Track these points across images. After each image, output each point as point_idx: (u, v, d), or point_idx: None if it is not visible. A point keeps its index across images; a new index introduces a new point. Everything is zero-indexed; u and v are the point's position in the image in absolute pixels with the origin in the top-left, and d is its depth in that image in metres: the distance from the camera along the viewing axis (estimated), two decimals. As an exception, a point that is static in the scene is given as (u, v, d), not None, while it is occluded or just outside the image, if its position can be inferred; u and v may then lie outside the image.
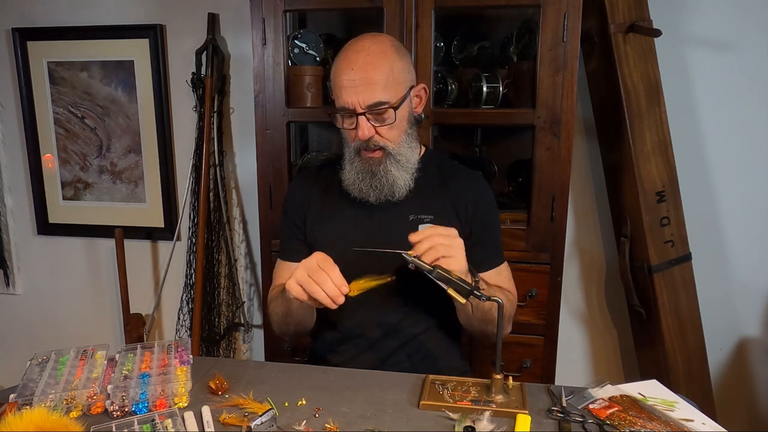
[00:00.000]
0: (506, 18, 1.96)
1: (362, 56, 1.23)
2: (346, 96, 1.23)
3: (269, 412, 0.97)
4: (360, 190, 1.29)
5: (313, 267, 1.12)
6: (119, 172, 2.35)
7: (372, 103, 1.22)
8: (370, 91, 1.22)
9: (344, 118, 1.28)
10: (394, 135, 1.27)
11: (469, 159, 2.02)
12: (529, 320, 1.73)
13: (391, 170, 1.27)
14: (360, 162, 1.28)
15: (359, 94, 1.22)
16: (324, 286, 1.11)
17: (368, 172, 1.28)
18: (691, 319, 1.92)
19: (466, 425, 0.98)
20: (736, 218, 2.01)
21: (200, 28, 2.15)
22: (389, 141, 1.27)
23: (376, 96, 1.22)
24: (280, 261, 1.43)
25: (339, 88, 1.25)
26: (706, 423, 1.01)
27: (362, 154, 1.28)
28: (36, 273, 2.55)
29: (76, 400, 1.06)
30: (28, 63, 2.31)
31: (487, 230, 1.35)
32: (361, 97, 1.22)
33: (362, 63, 1.22)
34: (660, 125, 1.83)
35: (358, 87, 1.22)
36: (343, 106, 1.25)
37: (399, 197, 1.30)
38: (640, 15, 1.78)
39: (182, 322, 2.29)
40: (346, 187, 1.32)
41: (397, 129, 1.27)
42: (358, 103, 1.22)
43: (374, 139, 1.25)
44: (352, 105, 1.23)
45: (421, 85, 1.33)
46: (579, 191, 2.08)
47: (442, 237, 1.11)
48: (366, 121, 1.23)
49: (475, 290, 1.08)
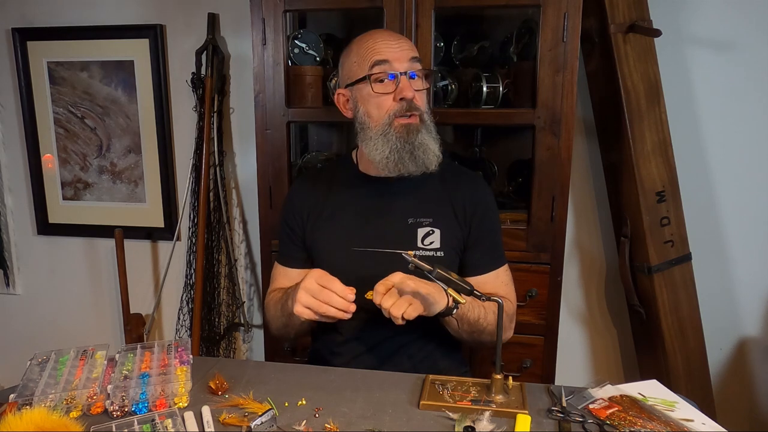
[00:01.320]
0: (506, 18, 1.96)
1: (389, 32, 1.30)
2: (388, 54, 1.22)
3: (269, 412, 0.97)
4: (397, 161, 1.23)
5: (314, 289, 1.13)
6: (119, 172, 2.35)
7: (413, 57, 1.24)
8: (409, 50, 1.25)
9: (378, 83, 1.23)
10: (425, 104, 1.28)
11: (469, 159, 2.02)
12: (529, 320, 1.73)
13: (426, 138, 1.25)
14: (396, 131, 1.22)
15: (401, 52, 1.23)
16: (332, 302, 1.11)
17: (406, 141, 1.22)
18: (691, 319, 1.92)
19: (466, 425, 0.98)
20: (736, 218, 2.01)
21: (200, 28, 2.15)
22: (423, 108, 1.26)
23: (413, 53, 1.25)
24: (277, 265, 1.43)
25: (377, 52, 1.23)
26: (706, 423, 1.00)
27: (397, 122, 1.22)
28: (36, 273, 2.55)
29: (76, 400, 1.06)
30: (28, 63, 2.31)
31: (486, 233, 1.35)
32: (403, 54, 1.23)
33: (392, 34, 1.28)
34: (660, 125, 1.83)
35: (400, 46, 1.24)
36: (383, 63, 1.22)
37: (433, 169, 1.26)
38: (640, 15, 1.78)
39: (182, 322, 2.29)
40: (378, 164, 1.25)
41: (426, 101, 1.29)
42: (401, 58, 1.23)
43: (415, 100, 1.23)
44: (395, 62, 1.22)
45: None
46: (579, 191, 2.08)
47: (413, 289, 1.10)
48: (408, 81, 1.23)
49: (474, 290, 1.08)
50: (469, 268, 1.33)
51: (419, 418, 1.03)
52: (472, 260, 1.34)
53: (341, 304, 1.11)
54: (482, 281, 1.31)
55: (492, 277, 1.33)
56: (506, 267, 1.37)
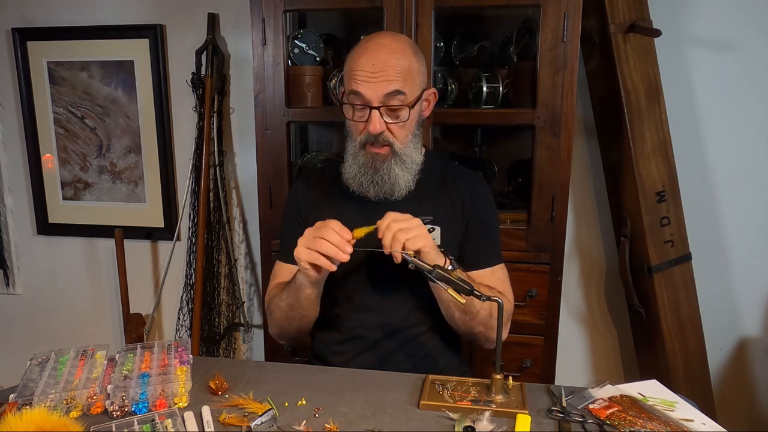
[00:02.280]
0: (506, 18, 1.96)
1: (383, 53, 1.23)
2: (362, 88, 1.23)
3: (269, 412, 0.97)
4: (360, 184, 1.28)
5: (313, 228, 1.16)
6: (119, 172, 2.35)
7: (389, 92, 1.22)
8: (387, 83, 1.22)
9: (356, 110, 1.27)
10: (403, 135, 1.27)
11: (469, 159, 2.02)
12: (529, 320, 1.73)
13: (395, 169, 1.27)
14: (364, 156, 1.27)
15: (377, 86, 1.22)
16: (328, 237, 1.12)
17: (371, 167, 1.26)
18: (691, 319, 1.92)
19: (466, 425, 0.98)
20: (736, 218, 2.01)
21: (200, 28, 2.15)
22: (398, 140, 1.27)
23: (393, 86, 1.22)
24: (279, 263, 1.43)
25: (354, 81, 1.24)
26: (706, 423, 1.01)
27: (368, 148, 1.27)
28: (36, 273, 2.55)
29: (76, 400, 1.06)
30: (28, 63, 2.31)
31: (482, 228, 1.34)
32: (378, 89, 1.22)
33: (383, 59, 1.22)
34: (660, 125, 1.83)
35: (377, 80, 1.21)
36: (357, 94, 1.24)
37: (398, 197, 1.30)
38: (640, 15, 1.78)
39: (182, 322, 2.29)
40: (346, 180, 1.31)
41: (407, 129, 1.28)
42: (374, 95, 1.22)
43: (384, 134, 1.25)
44: (368, 97, 1.23)
45: (432, 90, 1.34)
46: (579, 191, 2.08)
47: (398, 222, 1.13)
48: (379, 116, 1.23)
49: (475, 290, 1.08)
50: (465, 262, 1.32)
51: (419, 418, 1.03)
52: (467, 254, 1.33)
53: (337, 239, 1.12)
54: (477, 276, 1.30)
55: (488, 273, 1.33)
56: (503, 266, 1.36)
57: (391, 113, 1.25)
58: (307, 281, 1.22)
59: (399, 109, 1.24)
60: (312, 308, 1.30)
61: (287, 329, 1.36)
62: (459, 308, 1.23)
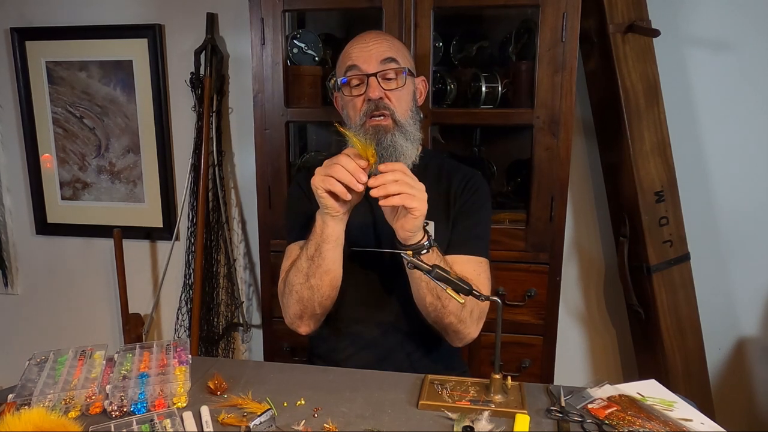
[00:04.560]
0: (505, 18, 1.96)
1: (372, 35, 1.31)
2: (358, 60, 1.27)
3: (268, 412, 0.97)
4: None
5: (328, 159, 1.15)
6: (118, 172, 2.35)
7: (385, 58, 1.25)
8: (380, 52, 1.26)
9: (353, 87, 1.28)
10: (402, 106, 1.28)
11: (468, 159, 2.01)
12: (528, 320, 1.73)
13: (399, 140, 1.25)
14: (367, 133, 1.24)
15: (370, 55, 1.26)
16: (344, 163, 1.11)
17: (374, 140, 1.22)
18: (690, 319, 1.92)
19: (465, 425, 0.98)
20: (735, 218, 2.01)
21: (199, 28, 2.14)
22: (397, 108, 1.26)
23: (388, 53, 1.26)
24: (289, 247, 1.37)
25: (350, 58, 1.28)
26: (704, 423, 1.01)
27: (369, 122, 1.25)
28: (35, 273, 2.55)
29: (74, 400, 1.05)
30: (27, 63, 2.31)
31: (468, 214, 1.32)
32: (373, 58, 1.25)
33: (372, 36, 1.30)
34: (659, 125, 1.83)
35: (370, 51, 1.26)
36: (353, 67, 1.27)
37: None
38: (639, 15, 1.78)
39: (181, 322, 2.29)
40: None
41: (404, 102, 1.28)
42: (370, 63, 1.25)
43: (384, 101, 1.25)
44: (364, 67, 1.26)
45: (421, 77, 1.38)
46: (578, 191, 2.08)
47: (405, 175, 1.11)
48: (377, 82, 1.25)
49: (474, 290, 1.08)
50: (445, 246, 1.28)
51: (418, 417, 1.03)
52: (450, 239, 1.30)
53: (353, 168, 1.11)
54: (451, 260, 1.24)
55: (464, 259, 1.27)
56: (485, 261, 1.31)
57: (387, 81, 1.27)
58: (328, 217, 1.18)
59: (395, 79, 1.27)
60: (335, 262, 1.23)
61: (308, 301, 1.25)
62: (431, 292, 1.19)
